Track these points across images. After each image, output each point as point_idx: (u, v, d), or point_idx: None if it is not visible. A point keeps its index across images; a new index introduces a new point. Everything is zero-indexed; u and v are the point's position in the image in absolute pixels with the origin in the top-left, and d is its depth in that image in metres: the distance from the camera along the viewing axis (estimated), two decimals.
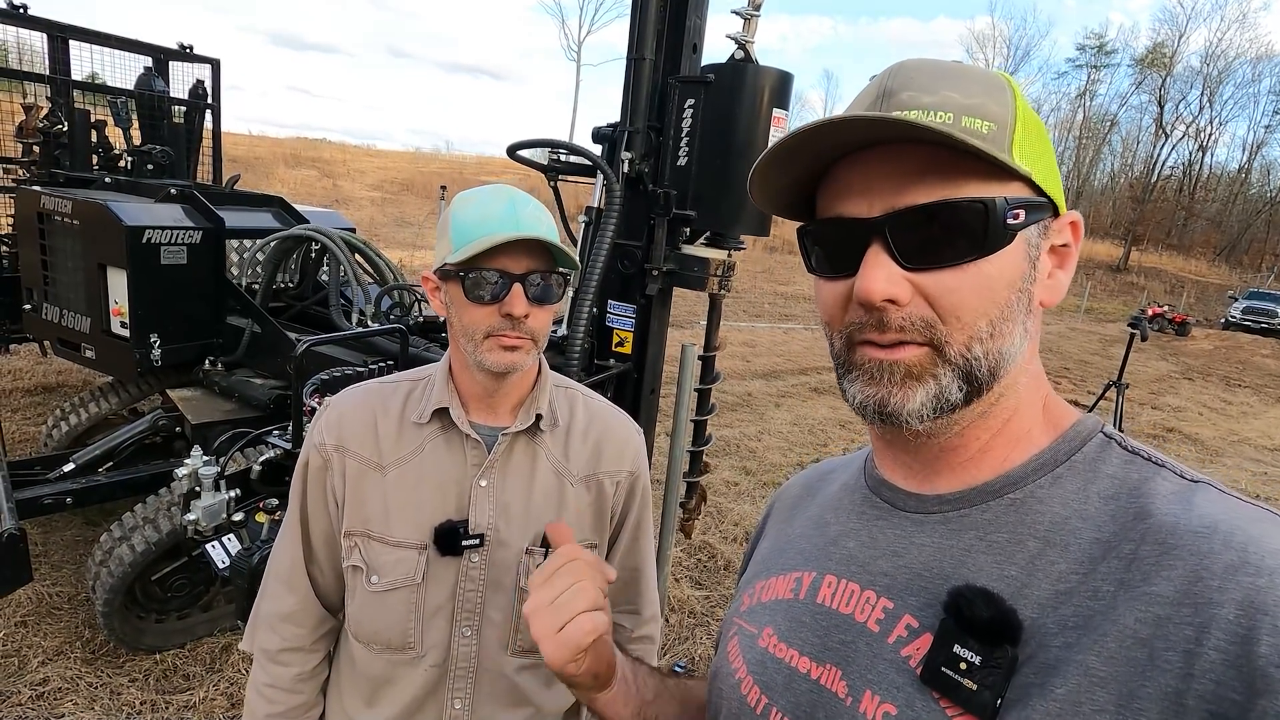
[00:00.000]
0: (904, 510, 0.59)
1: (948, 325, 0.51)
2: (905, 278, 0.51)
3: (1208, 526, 0.45)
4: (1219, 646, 0.41)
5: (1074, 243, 0.56)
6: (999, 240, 0.50)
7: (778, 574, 0.67)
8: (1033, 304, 0.54)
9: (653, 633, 1.22)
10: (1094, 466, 0.52)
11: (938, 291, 0.51)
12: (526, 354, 0.98)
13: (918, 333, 0.51)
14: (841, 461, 0.74)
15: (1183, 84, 39.87)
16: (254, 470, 2.08)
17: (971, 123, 0.50)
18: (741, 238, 2.64)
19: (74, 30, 4.17)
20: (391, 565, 1.00)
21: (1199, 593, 0.43)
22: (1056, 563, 0.49)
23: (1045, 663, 0.46)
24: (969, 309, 0.50)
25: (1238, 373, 13.94)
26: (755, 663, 0.63)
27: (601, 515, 1.09)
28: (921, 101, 0.50)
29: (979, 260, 0.50)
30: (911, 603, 0.54)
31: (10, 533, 2.27)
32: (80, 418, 3.67)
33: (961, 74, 0.52)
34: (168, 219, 3.13)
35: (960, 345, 0.51)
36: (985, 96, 0.51)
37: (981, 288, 0.50)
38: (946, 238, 0.50)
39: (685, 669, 2.95)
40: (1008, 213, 0.50)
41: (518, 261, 0.95)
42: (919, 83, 0.51)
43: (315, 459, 1.04)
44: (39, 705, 2.41)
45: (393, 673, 1.03)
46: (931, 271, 0.51)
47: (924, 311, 0.51)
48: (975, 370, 0.51)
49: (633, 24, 2.42)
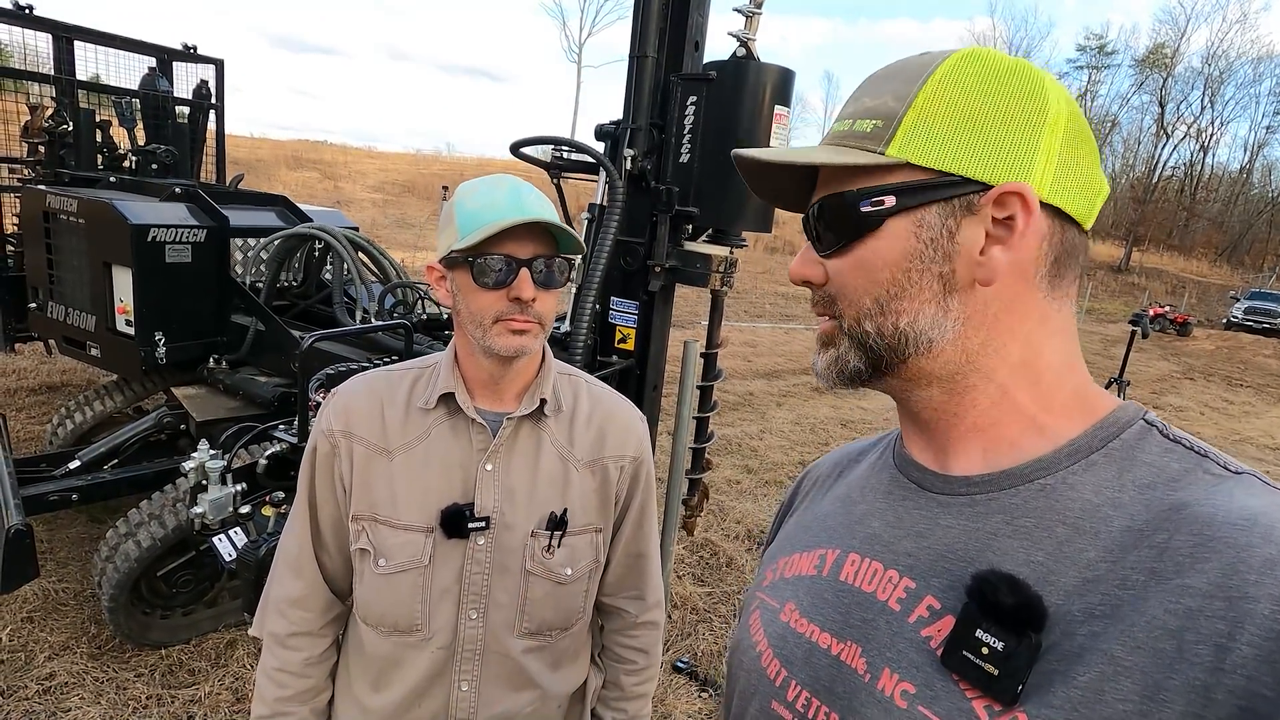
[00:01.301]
0: (930, 491, 0.59)
1: (840, 302, 0.58)
2: (818, 262, 0.60)
3: (1247, 519, 0.44)
4: (1253, 642, 0.40)
5: (1020, 214, 0.52)
6: (862, 226, 0.56)
7: (802, 550, 0.68)
8: (954, 283, 0.53)
9: (657, 618, 1.23)
10: (1131, 454, 0.51)
11: (832, 273, 0.59)
12: (534, 338, 0.99)
13: (824, 306, 0.60)
14: (871, 442, 0.75)
15: (1184, 84, 39.85)
16: (260, 464, 2.09)
17: (861, 125, 0.56)
18: (743, 235, 2.65)
19: (79, 31, 4.19)
20: (398, 548, 1.01)
21: (1234, 586, 0.42)
22: (1085, 550, 0.48)
23: (1069, 650, 0.45)
24: (850, 288, 0.57)
25: (1239, 373, 13.93)
26: (776, 636, 0.64)
27: (606, 500, 1.10)
28: (846, 111, 0.59)
29: (853, 245, 0.56)
30: (935, 584, 0.54)
31: (17, 529, 2.29)
32: (86, 415, 3.69)
33: (896, 73, 0.57)
34: (172, 218, 3.14)
35: (850, 320, 0.58)
36: (890, 93, 0.56)
37: (857, 269, 0.57)
38: (827, 228, 0.58)
39: (688, 665, 2.96)
40: (861, 202, 0.55)
41: (523, 246, 0.96)
42: (856, 94, 0.59)
43: (323, 445, 1.05)
44: (45, 700, 2.43)
45: (400, 655, 1.04)
46: (832, 258, 0.58)
47: (831, 290, 0.59)
48: (869, 343, 0.57)
49: (635, 22, 2.44)
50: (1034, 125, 0.53)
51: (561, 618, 1.08)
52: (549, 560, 1.05)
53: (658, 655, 1.25)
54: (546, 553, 1.04)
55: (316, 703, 1.11)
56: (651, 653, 1.23)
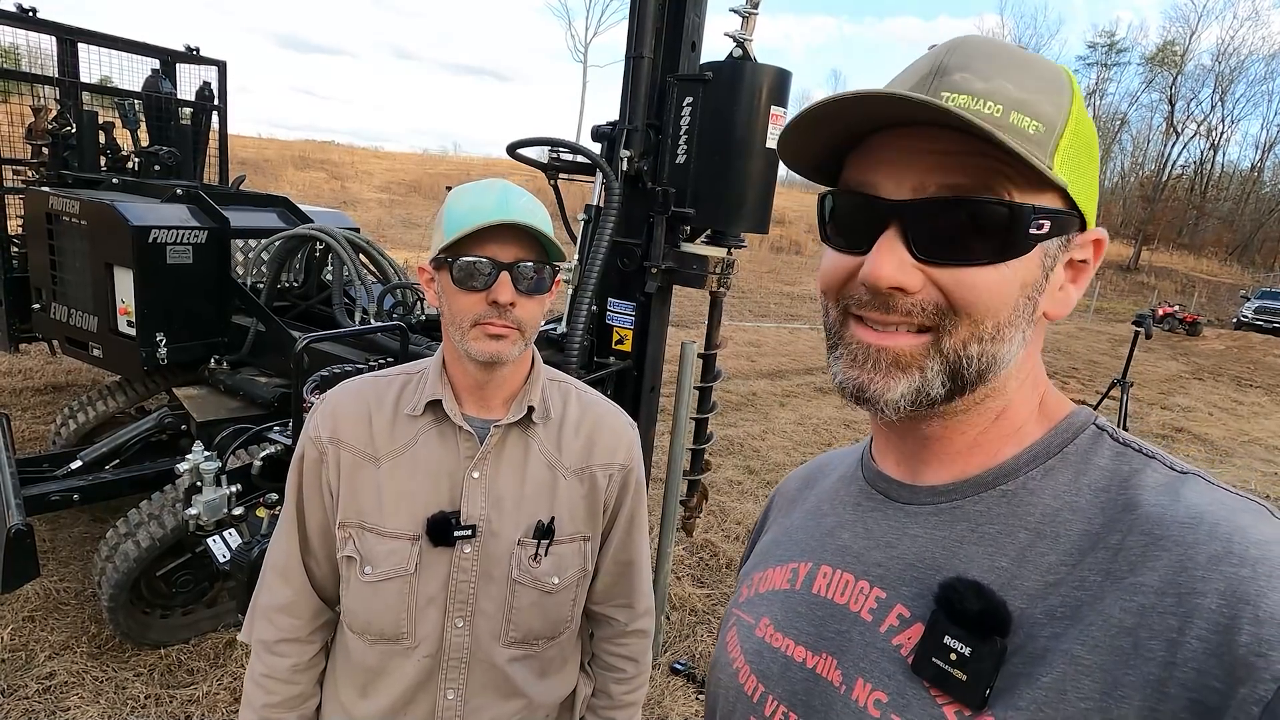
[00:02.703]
0: (898, 501, 0.59)
1: (957, 316, 0.50)
2: (916, 267, 0.50)
3: (1194, 517, 0.45)
4: (1201, 635, 0.41)
5: (1093, 259, 0.54)
6: (1018, 247, 0.49)
7: (775, 565, 0.68)
8: (1036, 314, 0.53)
9: (646, 626, 1.22)
10: (1085, 458, 0.52)
11: (951, 284, 0.50)
12: (512, 344, 0.98)
13: (926, 316, 0.50)
14: (840, 454, 0.75)
15: (1194, 82, 39.63)
16: (255, 466, 2.10)
17: (1020, 120, 0.48)
18: (742, 235, 2.64)
19: (83, 33, 4.21)
20: (385, 556, 1.01)
21: (1183, 582, 0.43)
22: (1046, 554, 0.49)
23: (1033, 652, 0.46)
24: (980, 307, 0.50)
25: (1249, 373, 13.80)
26: (752, 652, 0.64)
27: (594, 508, 1.09)
28: (973, 87, 0.48)
29: (997, 263, 0.49)
30: (904, 593, 0.55)
31: (18, 528, 2.30)
32: (88, 416, 3.71)
33: (1023, 63, 0.50)
34: (174, 219, 3.16)
35: (960, 339, 0.50)
36: (1040, 93, 0.49)
37: (994, 289, 0.49)
38: (965, 235, 0.49)
39: (685, 666, 2.96)
40: (1032, 222, 0.49)
41: (506, 249, 0.96)
42: (975, 66, 0.49)
43: (311, 451, 1.05)
44: (45, 699, 2.44)
45: (387, 663, 1.04)
46: (947, 267, 0.49)
47: (937, 298, 0.50)
48: (964, 369, 0.51)
49: (631, 22, 2.43)
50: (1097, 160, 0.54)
51: (549, 627, 1.07)
52: (536, 569, 1.04)
53: (647, 664, 1.24)
54: (533, 561, 1.04)
55: (304, 709, 1.11)
56: (641, 661, 1.22)
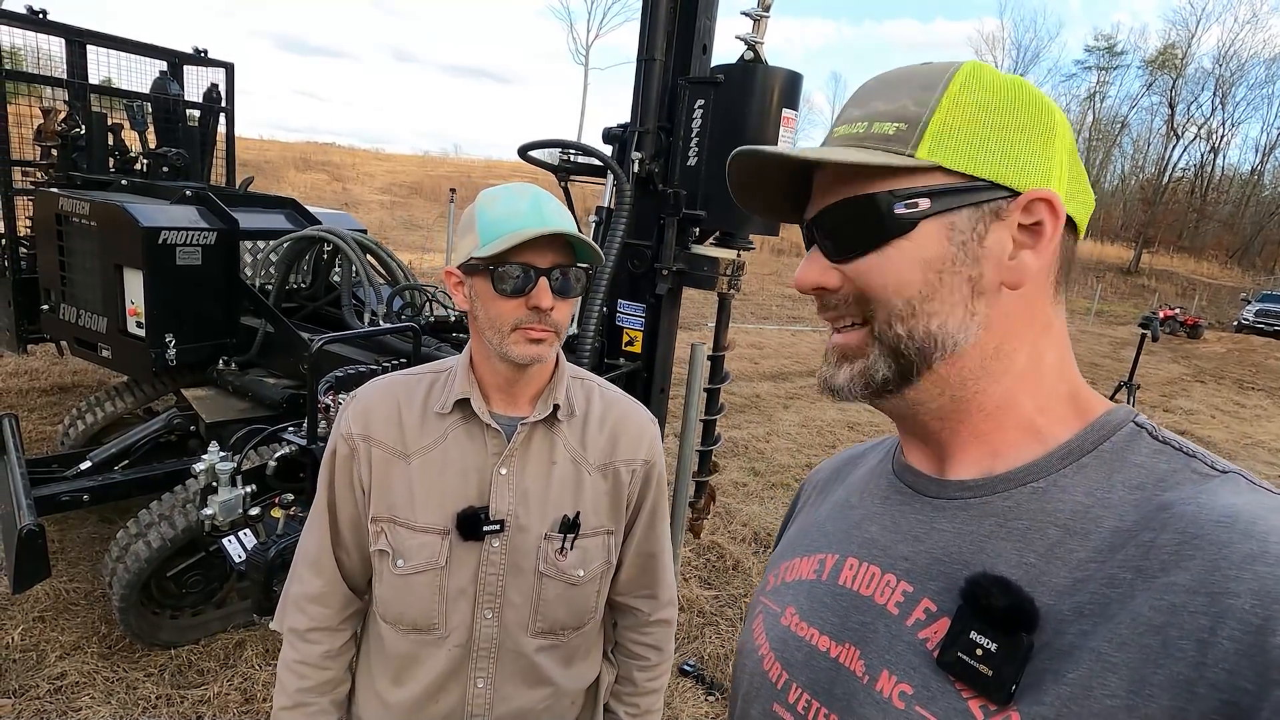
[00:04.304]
0: (926, 495, 0.60)
1: (869, 304, 0.56)
2: (832, 268, 0.58)
3: (1229, 516, 0.45)
4: (1233, 636, 0.41)
5: (1049, 221, 0.54)
6: (895, 228, 0.54)
7: (803, 555, 0.69)
8: (982, 286, 0.54)
9: (670, 616, 1.25)
10: (1121, 455, 0.52)
11: (855, 274, 0.57)
12: (550, 346, 1.02)
13: (850, 309, 0.58)
14: (871, 446, 0.76)
15: (1194, 85, 39.64)
16: (270, 466, 2.10)
17: (881, 126, 0.55)
18: (750, 237, 2.65)
19: (91, 35, 4.22)
20: (416, 549, 1.03)
21: (1215, 582, 0.42)
22: (1076, 550, 0.49)
23: (1060, 649, 0.46)
24: (880, 287, 0.55)
25: (1251, 375, 13.81)
26: (777, 640, 0.65)
27: (618, 502, 1.12)
28: (851, 115, 0.58)
29: (882, 247, 0.55)
30: (931, 587, 0.55)
31: (29, 529, 2.31)
32: (97, 416, 3.72)
33: (905, 79, 0.57)
34: (183, 220, 3.17)
35: (883, 321, 0.56)
36: (907, 97, 0.55)
37: (886, 270, 0.55)
38: (850, 231, 0.56)
39: (694, 668, 2.96)
40: (895, 204, 0.54)
41: (543, 256, 0.98)
42: (860, 98, 0.59)
43: (342, 448, 1.07)
44: (57, 699, 2.45)
45: (419, 652, 1.07)
46: (851, 262, 0.57)
47: (853, 290, 0.57)
48: (901, 347, 0.56)
49: (643, 25, 2.44)
50: (1047, 136, 0.55)
51: (574, 617, 1.10)
52: (561, 562, 1.07)
53: (670, 651, 1.27)
54: (559, 555, 1.06)
55: (336, 694, 1.14)
56: (664, 649, 1.26)
